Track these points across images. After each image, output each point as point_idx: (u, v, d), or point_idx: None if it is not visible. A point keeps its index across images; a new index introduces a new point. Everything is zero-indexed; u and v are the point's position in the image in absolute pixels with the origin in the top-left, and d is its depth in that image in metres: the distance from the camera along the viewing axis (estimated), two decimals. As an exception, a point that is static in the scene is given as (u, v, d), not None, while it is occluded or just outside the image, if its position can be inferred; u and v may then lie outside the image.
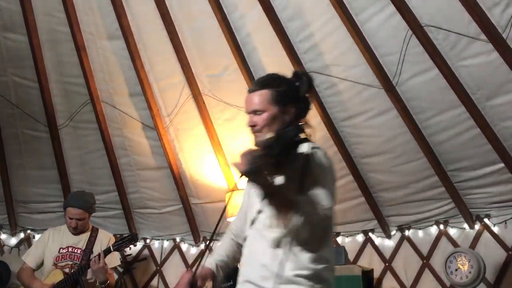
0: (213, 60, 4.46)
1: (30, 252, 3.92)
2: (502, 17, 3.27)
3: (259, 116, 1.85)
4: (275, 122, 1.83)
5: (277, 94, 1.85)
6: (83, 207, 3.77)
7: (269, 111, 1.84)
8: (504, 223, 4.04)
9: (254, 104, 1.86)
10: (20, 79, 4.74)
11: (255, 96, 1.87)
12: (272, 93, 1.86)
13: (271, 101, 1.85)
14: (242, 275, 1.83)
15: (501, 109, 3.62)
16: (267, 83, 1.90)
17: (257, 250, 1.79)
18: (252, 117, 1.87)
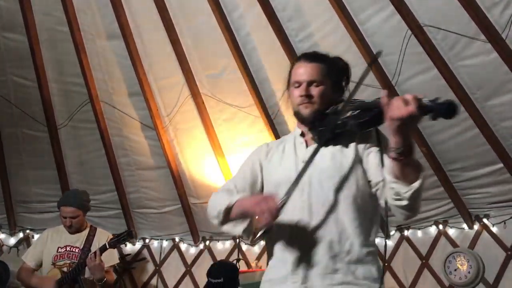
0: (212, 60, 4.47)
1: (29, 252, 3.93)
2: (501, 17, 3.27)
3: (316, 88, 1.81)
4: (328, 97, 1.81)
5: (332, 70, 1.86)
6: (76, 205, 3.78)
7: (326, 85, 1.82)
8: (503, 223, 4.04)
9: (312, 74, 1.82)
10: (19, 79, 4.74)
11: (312, 67, 1.83)
12: (327, 68, 1.85)
13: (328, 75, 1.84)
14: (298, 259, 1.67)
15: (500, 109, 3.62)
16: (322, 58, 1.89)
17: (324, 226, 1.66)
18: (307, 88, 1.81)
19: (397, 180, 1.51)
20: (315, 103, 1.80)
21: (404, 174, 1.49)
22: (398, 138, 1.44)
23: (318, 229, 1.67)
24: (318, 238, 1.66)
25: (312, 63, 1.84)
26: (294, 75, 1.87)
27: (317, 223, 1.67)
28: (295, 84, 1.85)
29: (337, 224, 1.66)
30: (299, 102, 1.82)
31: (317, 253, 1.65)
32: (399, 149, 1.44)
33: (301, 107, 1.82)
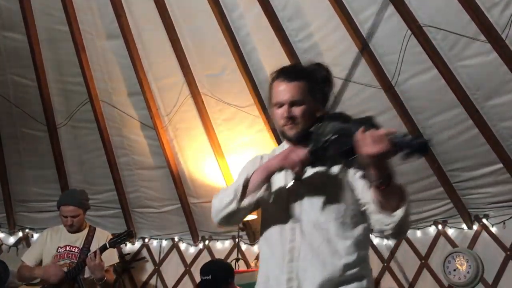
0: (212, 60, 4.46)
1: (29, 252, 3.95)
2: (501, 18, 3.28)
3: (298, 108, 1.76)
4: (310, 116, 1.76)
5: (314, 87, 1.80)
6: (75, 203, 3.80)
7: (307, 104, 1.77)
8: (502, 223, 4.05)
9: (293, 95, 1.76)
10: (19, 78, 4.73)
11: (293, 86, 1.78)
12: (310, 86, 1.80)
13: (309, 93, 1.79)
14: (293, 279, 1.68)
15: (500, 109, 3.62)
16: (303, 75, 1.82)
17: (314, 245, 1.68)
18: (289, 109, 1.76)
19: (380, 210, 1.56)
20: (299, 123, 1.77)
21: (386, 202, 1.53)
22: (375, 171, 1.48)
23: (311, 249, 1.67)
24: (311, 259, 1.66)
25: (292, 82, 1.79)
26: (275, 95, 1.82)
27: (309, 244, 1.68)
28: (277, 104, 1.81)
29: (329, 245, 1.66)
30: (283, 124, 1.79)
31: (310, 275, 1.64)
32: (378, 180, 1.49)
33: (286, 128, 1.79)
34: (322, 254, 1.65)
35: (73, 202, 3.80)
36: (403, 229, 1.58)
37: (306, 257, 1.66)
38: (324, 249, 1.66)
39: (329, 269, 1.63)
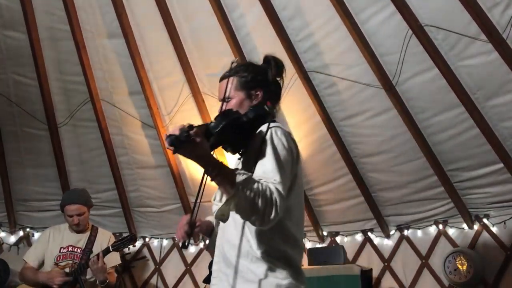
0: (213, 59, 4.46)
1: (31, 252, 3.94)
2: (502, 17, 3.27)
3: (228, 103, 1.89)
4: (243, 107, 1.86)
5: (244, 79, 1.93)
6: (80, 201, 3.81)
7: (236, 97, 1.89)
8: (503, 223, 4.04)
9: (222, 92, 1.92)
10: (19, 77, 4.74)
11: (224, 84, 1.94)
12: (239, 80, 1.93)
13: (238, 87, 1.91)
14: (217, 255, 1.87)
15: (501, 109, 3.62)
16: (235, 70, 1.99)
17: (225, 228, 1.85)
18: (222, 104, 1.91)
19: (213, 201, 1.73)
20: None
21: (223, 193, 1.61)
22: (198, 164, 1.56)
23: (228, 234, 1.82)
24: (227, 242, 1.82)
25: (221, 81, 1.98)
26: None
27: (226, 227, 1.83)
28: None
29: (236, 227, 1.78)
30: None
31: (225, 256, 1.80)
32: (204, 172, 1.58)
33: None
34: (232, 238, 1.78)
35: (77, 200, 3.81)
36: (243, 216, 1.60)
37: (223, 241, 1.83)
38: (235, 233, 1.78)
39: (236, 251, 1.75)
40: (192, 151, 1.50)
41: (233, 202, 1.53)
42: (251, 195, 1.52)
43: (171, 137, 1.42)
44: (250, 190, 1.52)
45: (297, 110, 4.35)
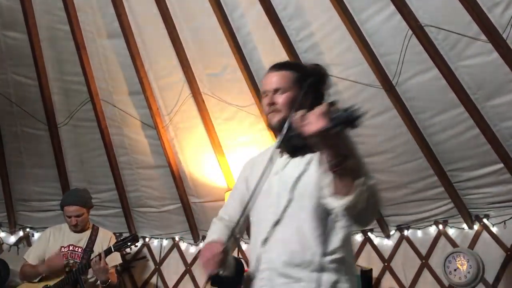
0: (213, 59, 4.46)
1: (31, 251, 3.94)
2: (502, 18, 3.27)
3: (281, 95, 1.79)
4: (295, 104, 1.74)
5: (301, 77, 1.81)
6: (79, 203, 3.80)
7: (291, 92, 1.79)
8: (503, 223, 4.04)
9: (276, 82, 1.81)
10: (19, 77, 4.74)
11: (278, 75, 1.83)
12: (296, 75, 1.82)
13: (295, 82, 1.80)
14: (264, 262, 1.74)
15: (501, 110, 3.62)
16: (291, 66, 1.88)
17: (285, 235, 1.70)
18: (273, 96, 1.80)
19: (330, 194, 1.50)
20: (281, 110, 1.78)
21: (340, 186, 1.47)
22: (326, 151, 1.43)
23: (282, 240, 1.70)
24: (282, 248, 1.69)
25: (278, 71, 1.85)
26: (262, 85, 1.87)
27: (282, 234, 1.70)
28: (263, 94, 1.85)
29: (299, 234, 1.67)
30: (267, 112, 1.82)
31: (280, 263, 1.67)
32: (331, 161, 1.43)
33: (269, 116, 1.82)
34: (290, 243, 1.67)
35: (76, 201, 3.80)
36: (355, 215, 1.50)
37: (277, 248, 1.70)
38: (292, 238, 1.67)
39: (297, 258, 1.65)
40: (342, 133, 1.42)
41: (357, 197, 1.45)
42: (369, 191, 1.48)
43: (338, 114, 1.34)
44: (368, 186, 1.48)
45: (297, 111, 4.35)
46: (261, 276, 1.72)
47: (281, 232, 1.71)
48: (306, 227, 1.67)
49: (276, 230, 1.71)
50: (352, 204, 1.44)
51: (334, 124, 1.34)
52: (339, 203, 1.46)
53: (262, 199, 1.79)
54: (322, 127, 1.34)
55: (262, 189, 1.77)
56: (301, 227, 1.67)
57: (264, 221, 1.77)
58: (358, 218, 1.53)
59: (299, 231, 1.67)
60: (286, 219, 1.71)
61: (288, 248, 1.67)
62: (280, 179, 1.78)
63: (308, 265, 1.64)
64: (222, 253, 1.68)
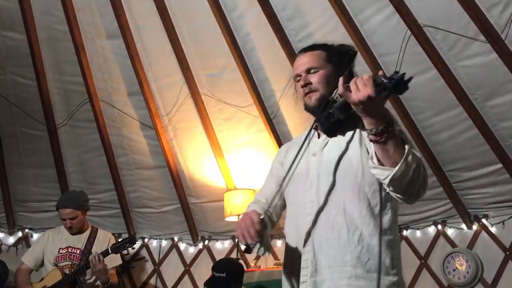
0: (212, 60, 4.46)
1: (29, 253, 3.93)
2: (500, 18, 3.28)
3: (315, 74, 1.73)
4: (331, 82, 1.69)
5: (332, 55, 1.76)
6: (73, 205, 3.77)
7: (325, 70, 1.73)
8: (501, 224, 4.05)
9: (308, 62, 1.75)
10: (18, 78, 4.73)
11: (308, 55, 1.78)
12: (327, 54, 1.77)
13: (328, 60, 1.75)
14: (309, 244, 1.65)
15: (500, 110, 3.63)
16: (320, 45, 1.82)
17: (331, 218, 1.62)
18: (306, 76, 1.74)
19: (376, 165, 1.46)
20: (317, 90, 1.73)
21: (385, 156, 1.43)
22: (369, 120, 1.40)
23: (327, 221, 1.64)
24: (327, 230, 1.63)
25: (308, 52, 1.79)
26: (294, 71, 1.81)
27: (326, 215, 1.64)
28: (296, 78, 1.79)
29: (345, 215, 1.62)
30: (302, 94, 1.77)
31: (325, 245, 1.62)
32: (373, 130, 1.40)
33: (306, 99, 1.76)
34: (336, 225, 1.62)
35: (70, 204, 3.77)
36: (408, 188, 1.47)
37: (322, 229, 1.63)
38: (338, 220, 1.62)
39: (343, 240, 1.60)
40: (385, 101, 1.38)
41: (404, 166, 1.40)
42: (415, 162, 1.42)
43: (380, 79, 1.31)
44: (414, 157, 1.42)
45: (296, 111, 4.35)
46: (305, 258, 1.64)
47: (326, 216, 1.64)
48: (352, 209, 1.61)
49: (322, 213, 1.65)
50: (401, 174, 1.41)
51: (382, 89, 1.33)
52: (387, 173, 1.43)
53: (299, 180, 1.74)
54: (371, 93, 1.33)
55: (299, 171, 1.73)
56: (347, 209, 1.62)
57: (304, 203, 1.70)
58: (407, 191, 1.49)
59: (346, 213, 1.62)
60: (330, 202, 1.65)
61: (335, 230, 1.61)
62: (319, 160, 1.72)
63: (354, 247, 1.58)
64: (259, 223, 1.57)
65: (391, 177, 1.42)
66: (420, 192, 1.50)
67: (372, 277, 1.56)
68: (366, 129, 1.43)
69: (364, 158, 1.62)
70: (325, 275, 1.59)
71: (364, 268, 1.57)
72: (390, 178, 1.43)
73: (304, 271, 1.63)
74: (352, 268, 1.57)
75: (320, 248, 1.62)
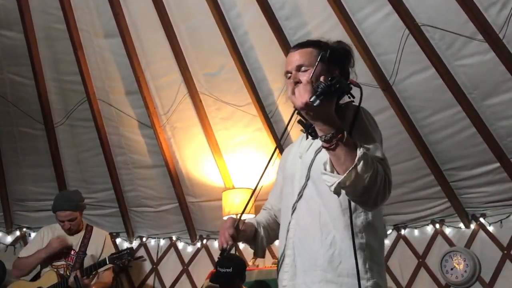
0: (210, 59, 4.46)
1: (26, 250, 3.91)
2: (498, 17, 3.28)
3: (305, 73, 1.70)
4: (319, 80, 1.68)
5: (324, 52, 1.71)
6: (70, 207, 3.74)
7: (317, 68, 1.66)
8: (499, 223, 4.05)
9: (299, 60, 1.73)
10: (16, 77, 4.73)
11: (300, 52, 1.76)
12: (318, 51, 1.73)
13: (321, 58, 1.69)
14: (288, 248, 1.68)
15: (497, 109, 3.63)
16: (313, 42, 1.81)
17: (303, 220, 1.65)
18: (296, 74, 1.71)
19: (324, 172, 1.45)
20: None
21: (337, 163, 1.41)
22: (318, 126, 1.41)
23: (304, 225, 1.65)
24: (304, 234, 1.65)
25: (299, 49, 1.77)
26: (285, 67, 1.79)
27: (303, 219, 1.66)
28: (286, 75, 1.77)
29: (319, 218, 1.62)
30: (290, 92, 1.72)
31: (302, 249, 1.64)
32: (322, 136, 1.40)
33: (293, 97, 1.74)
34: (312, 229, 1.63)
35: (68, 206, 3.74)
36: (358, 194, 1.42)
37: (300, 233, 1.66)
38: (314, 224, 1.63)
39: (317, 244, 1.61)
40: (330, 106, 1.36)
41: (353, 174, 1.37)
42: (370, 169, 1.38)
43: (321, 85, 1.30)
44: (369, 164, 1.39)
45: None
46: (286, 261, 1.68)
47: (303, 219, 1.66)
48: (325, 213, 1.61)
49: (295, 214, 1.68)
50: (352, 182, 1.38)
51: (317, 95, 1.32)
52: (333, 180, 1.41)
53: (288, 183, 1.77)
54: (306, 99, 1.33)
55: (288, 174, 1.76)
56: (322, 212, 1.62)
57: (289, 206, 1.73)
58: (362, 199, 1.45)
59: (320, 217, 1.62)
60: (309, 206, 1.65)
61: (311, 234, 1.62)
62: (302, 162, 1.73)
63: (326, 250, 1.58)
64: (231, 227, 1.66)
65: (336, 185, 1.40)
66: (378, 201, 1.46)
67: (343, 281, 1.55)
68: (319, 136, 1.43)
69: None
70: (301, 279, 1.62)
71: (335, 272, 1.56)
72: (335, 186, 1.40)
73: (285, 275, 1.67)
74: (323, 272, 1.58)
75: (298, 252, 1.65)
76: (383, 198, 1.45)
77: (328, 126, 1.38)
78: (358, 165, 1.37)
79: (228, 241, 1.64)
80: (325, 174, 1.45)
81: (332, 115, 1.40)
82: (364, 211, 1.62)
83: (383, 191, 1.44)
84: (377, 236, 1.65)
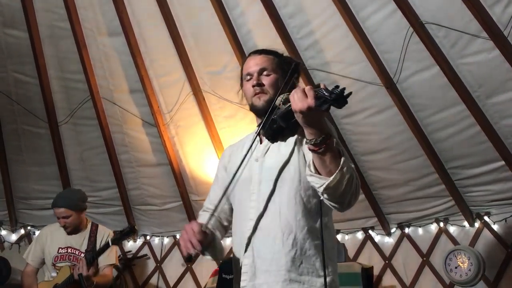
0: (213, 57, 4.46)
1: (30, 252, 3.87)
2: (503, 15, 3.27)
3: (267, 77, 1.82)
4: (278, 88, 1.76)
5: (282, 62, 1.87)
6: (65, 205, 3.69)
7: (276, 74, 1.83)
8: (504, 221, 4.05)
9: (262, 63, 1.84)
10: (20, 76, 4.74)
11: (262, 57, 1.86)
12: (278, 60, 1.87)
13: (278, 66, 1.85)
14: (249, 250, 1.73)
15: (502, 107, 3.62)
16: (271, 51, 1.91)
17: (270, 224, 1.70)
18: (258, 77, 1.82)
19: (313, 174, 1.52)
20: (267, 92, 1.80)
21: (322, 166, 1.49)
22: (309, 130, 1.45)
23: (265, 226, 1.71)
24: (264, 235, 1.70)
25: (262, 54, 1.88)
26: (245, 69, 1.88)
27: (265, 220, 1.71)
28: (246, 77, 1.86)
29: (280, 219, 1.69)
30: (251, 94, 1.83)
31: (263, 250, 1.69)
32: (312, 140, 1.45)
33: (254, 99, 1.82)
34: (273, 229, 1.68)
35: (63, 203, 3.69)
36: (338, 195, 1.51)
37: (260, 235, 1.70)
38: (275, 224, 1.68)
39: (279, 244, 1.66)
40: (326, 112, 1.42)
41: (338, 176, 1.46)
42: (350, 173, 1.49)
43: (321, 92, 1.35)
44: (349, 168, 1.49)
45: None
46: (245, 262, 1.72)
47: (264, 221, 1.71)
48: (287, 213, 1.68)
49: (262, 219, 1.72)
50: (336, 184, 1.47)
51: (322, 102, 1.37)
52: (322, 182, 1.48)
53: (243, 185, 1.80)
54: (312, 104, 1.37)
55: (243, 176, 1.78)
56: (283, 213, 1.68)
57: (247, 208, 1.77)
58: (340, 200, 1.53)
59: (281, 217, 1.68)
60: (270, 208, 1.71)
61: (272, 235, 1.68)
62: (261, 166, 1.79)
63: (288, 251, 1.65)
64: (200, 233, 1.68)
65: (325, 186, 1.48)
66: (352, 201, 1.56)
67: (304, 279, 1.63)
68: (306, 139, 1.48)
69: (302, 165, 1.70)
70: (262, 279, 1.67)
71: (297, 271, 1.64)
72: (324, 187, 1.48)
73: (244, 276, 1.71)
74: (286, 272, 1.64)
75: (258, 253, 1.69)
76: (355, 199, 1.56)
77: (320, 131, 1.45)
78: (343, 169, 1.46)
79: (197, 247, 1.64)
80: (312, 175, 1.52)
81: (324, 120, 1.48)
82: (324, 214, 1.71)
83: (356, 193, 1.55)
84: (331, 237, 1.77)
